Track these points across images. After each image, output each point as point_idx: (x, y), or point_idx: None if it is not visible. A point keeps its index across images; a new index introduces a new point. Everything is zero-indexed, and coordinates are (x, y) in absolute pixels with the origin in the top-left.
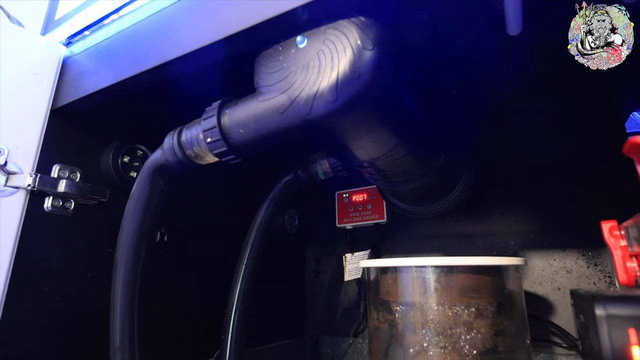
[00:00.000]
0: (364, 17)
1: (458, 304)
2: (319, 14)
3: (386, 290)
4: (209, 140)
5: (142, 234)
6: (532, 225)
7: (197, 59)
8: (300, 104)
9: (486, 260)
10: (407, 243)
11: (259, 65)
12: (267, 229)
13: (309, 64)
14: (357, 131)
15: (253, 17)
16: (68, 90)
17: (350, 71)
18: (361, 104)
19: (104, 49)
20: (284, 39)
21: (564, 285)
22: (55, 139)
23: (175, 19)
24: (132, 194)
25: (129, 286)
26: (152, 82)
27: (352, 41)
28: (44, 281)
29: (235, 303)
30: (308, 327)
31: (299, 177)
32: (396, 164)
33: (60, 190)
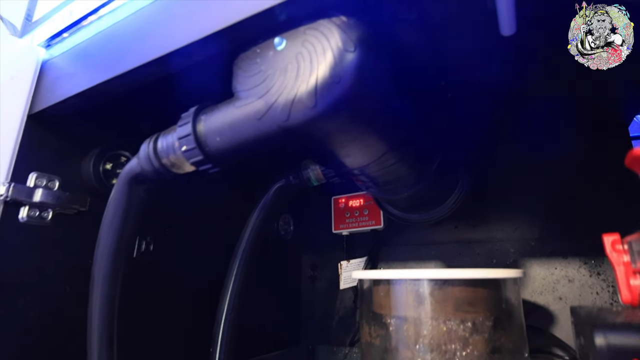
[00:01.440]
0: (345, 16)
1: (453, 318)
2: (298, 13)
3: (378, 303)
4: (184, 149)
5: (121, 246)
6: (532, 233)
7: (172, 62)
8: (277, 110)
9: (483, 273)
10: (404, 249)
11: (236, 69)
12: (259, 236)
13: (287, 67)
14: (342, 138)
15: (228, 17)
16: (45, 94)
17: (330, 75)
18: (344, 110)
19: (81, 51)
20: (262, 41)
21: (566, 294)
22: (32, 146)
23: (150, 21)
24: (108, 205)
25: (107, 301)
26: (129, 86)
27: (332, 43)
28: (17, 295)
29: (224, 313)
30: (303, 336)
31: (290, 183)
32: (388, 172)
33: (36, 200)
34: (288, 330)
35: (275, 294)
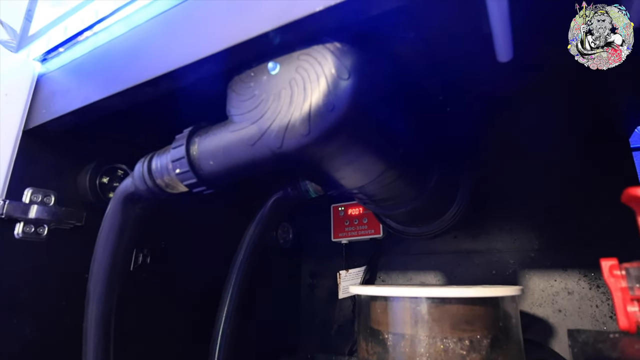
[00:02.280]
0: (339, 42)
1: (450, 336)
2: (292, 38)
3: (376, 319)
4: (177, 171)
5: (117, 262)
6: (532, 244)
7: (166, 83)
8: (271, 137)
9: (481, 291)
10: (403, 259)
11: (230, 91)
12: (256, 248)
13: (281, 93)
14: (337, 162)
15: (223, 40)
16: (40, 110)
17: (323, 103)
18: (338, 136)
19: (76, 68)
20: (256, 64)
21: (565, 307)
22: (27, 162)
23: (145, 40)
24: (103, 222)
25: (103, 316)
26: (125, 103)
27: (326, 70)
28: (12, 311)
29: (221, 326)
30: (303, 345)
31: (288, 195)
32: (386, 190)
33: (31, 217)
34: (287, 338)
35: (275, 302)
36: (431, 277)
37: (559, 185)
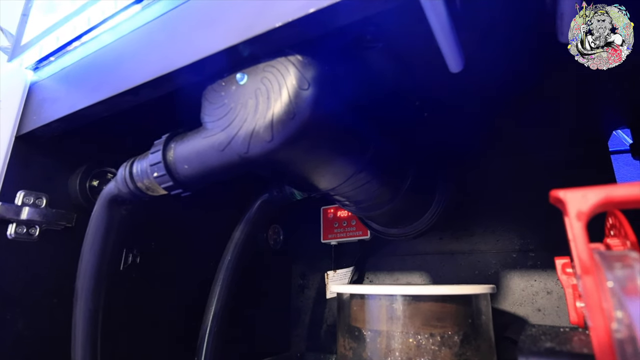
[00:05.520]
0: (301, 55)
1: (422, 332)
2: (257, 51)
3: (354, 316)
4: (155, 175)
5: (103, 262)
6: (513, 245)
7: (144, 93)
8: (238, 143)
9: (452, 289)
10: (390, 260)
11: (204, 100)
12: (244, 249)
13: (248, 102)
14: (305, 166)
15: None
16: (32, 117)
17: (285, 112)
18: (301, 142)
19: (65, 76)
20: (227, 74)
21: (545, 306)
22: (20, 166)
23: (125, 51)
24: (89, 224)
25: (90, 314)
26: (110, 110)
27: (287, 81)
28: (5, 308)
29: (209, 325)
30: (293, 344)
31: (274, 196)
32: (359, 192)
33: (23, 218)
34: (277, 338)
35: (265, 302)
36: (417, 277)
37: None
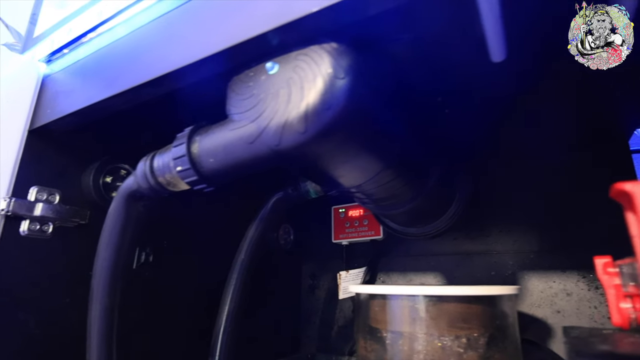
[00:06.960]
0: (336, 43)
1: (447, 334)
2: (290, 39)
3: (374, 317)
4: (179, 169)
5: (119, 260)
6: (531, 246)
7: (167, 83)
8: (269, 134)
9: (478, 290)
10: (403, 260)
11: (230, 91)
12: (257, 248)
13: (279, 92)
14: (335, 160)
15: (223, 41)
16: (45, 110)
17: (320, 102)
18: (334, 134)
19: (79, 69)
20: (255, 64)
21: (564, 308)
22: (33, 161)
23: (145, 41)
24: (106, 219)
25: (106, 313)
26: (127, 104)
27: (322, 70)
28: (18, 307)
29: (223, 325)
30: (303, 345)
31: (289, 195)
32: (384, 189)
33: (36, 214)
34: (288, 339)
35: (275, 303)
36: (431, 278)
37: (558, 187)
